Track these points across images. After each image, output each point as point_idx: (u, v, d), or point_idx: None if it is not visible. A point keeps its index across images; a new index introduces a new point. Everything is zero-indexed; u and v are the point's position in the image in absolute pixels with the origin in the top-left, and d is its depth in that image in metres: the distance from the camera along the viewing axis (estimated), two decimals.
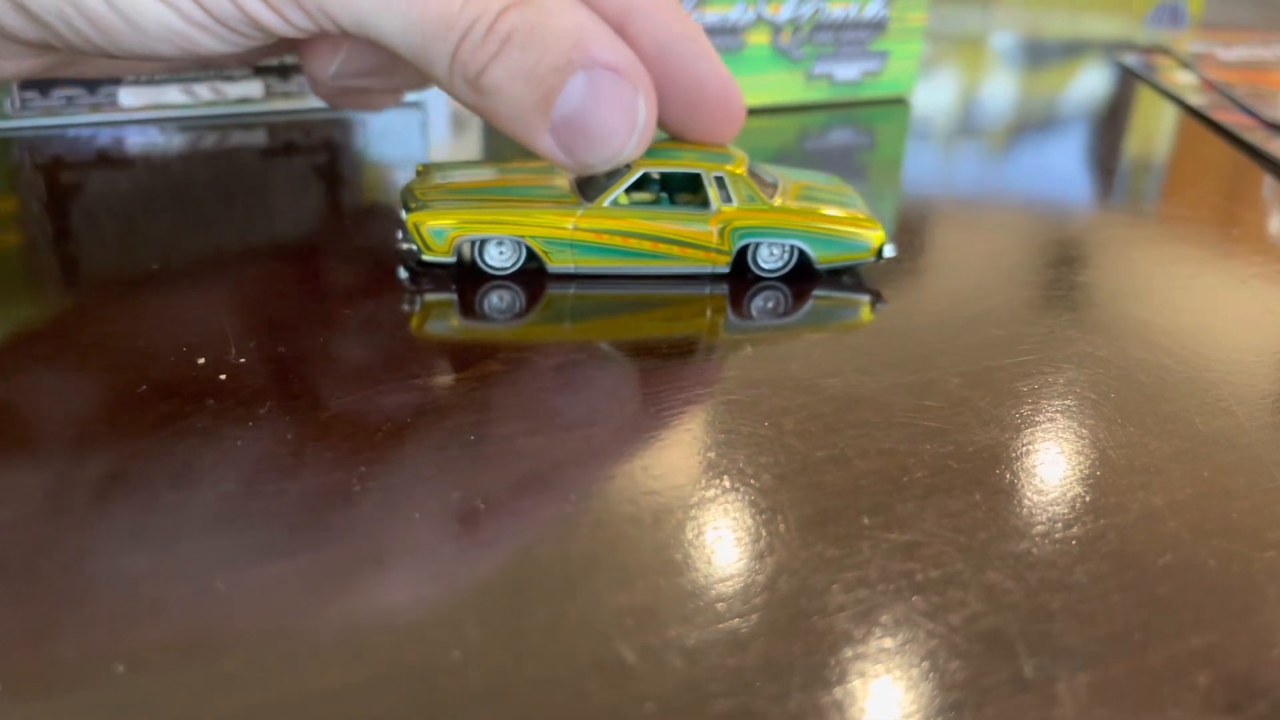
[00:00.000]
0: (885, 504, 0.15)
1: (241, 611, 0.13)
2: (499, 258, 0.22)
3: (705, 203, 0.22)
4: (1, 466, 0.15)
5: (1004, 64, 0.49)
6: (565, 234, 0.22)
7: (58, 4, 0.19)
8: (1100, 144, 0.36)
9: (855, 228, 0.23)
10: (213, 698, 0.12)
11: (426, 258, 0.22)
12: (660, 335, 0.20)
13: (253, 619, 0.13)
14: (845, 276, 0.23)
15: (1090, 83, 0.45)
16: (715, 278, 0.23)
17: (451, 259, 0.22)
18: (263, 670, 0.12)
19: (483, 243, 0.22)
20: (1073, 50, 0.52)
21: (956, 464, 0.16)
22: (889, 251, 0.23)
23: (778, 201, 0.23)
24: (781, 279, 0.23)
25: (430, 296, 0.21)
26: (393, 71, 0.25)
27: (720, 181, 0.22)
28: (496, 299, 0.21)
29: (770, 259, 0.23)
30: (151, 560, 0.14)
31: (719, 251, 0.22)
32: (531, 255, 0.22)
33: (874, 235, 0.23)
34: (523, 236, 0.22)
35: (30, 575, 0.13)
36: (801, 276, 0.23)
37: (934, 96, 0.41)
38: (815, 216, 0.23)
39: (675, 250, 0.22)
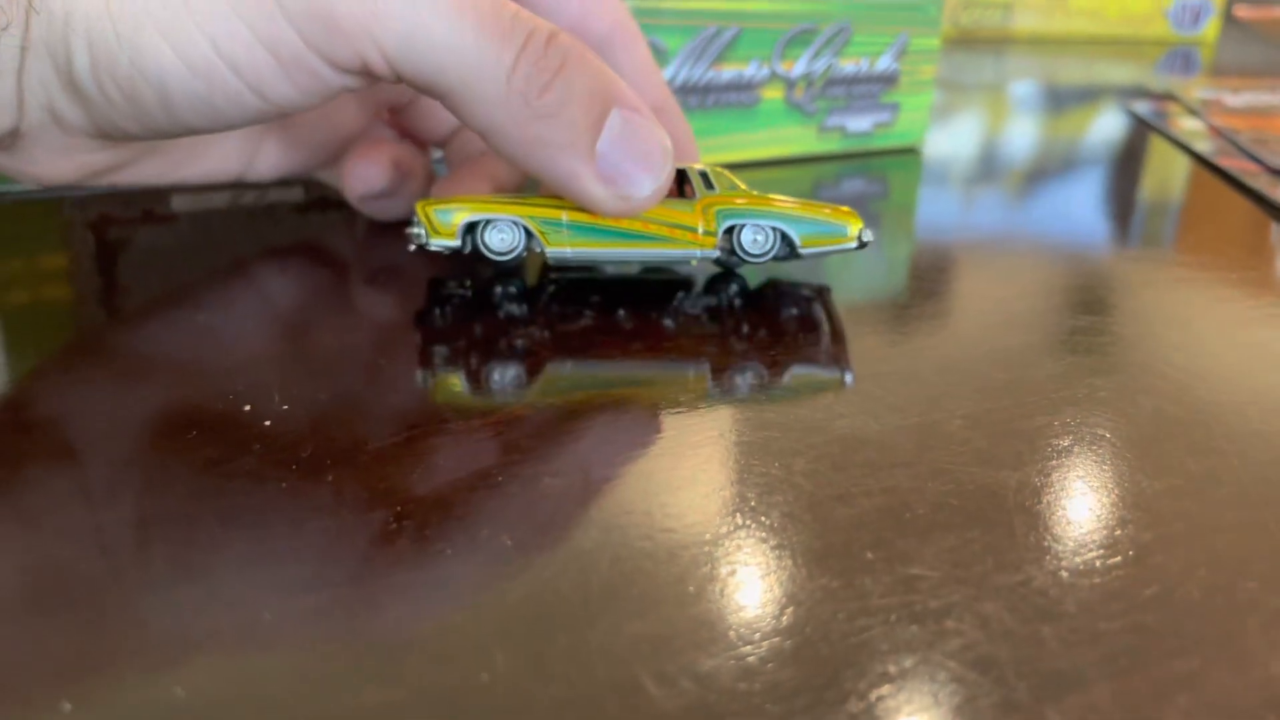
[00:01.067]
0: (887, 539, 0.16)
1: (287, 638, 0.14)
2: (500, 242, 0.24)
3: (690, 194, 0.24)
4: (63, 507, 0.17)
5: (1016, 111, 0.50)
6: (560, 215, 0.24)
7: (96, 75, 0.20)
8: (1107, 191, 0.37)
9: (834, 214, 0.25)
10: (262, 717, 0.13)
11: (434, 241, 0.24)
12: (671, 386, 0.21)
13: (297, 645, 0.14)
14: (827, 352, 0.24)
15: (1101, 130, 0.46)
16: (705, 357, 0.24)
17: (456, 243, 0.24)
18: (306, 689, 0.13)
19: (485, 226, 0.24)
20: (1085, 97, 0.53)
21: (956, 501, 0.17)
22: (867, 236, 0.25)
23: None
24: (772, 344, 0.24)
25: (456, 345, 0.23)
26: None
27: (704, 175, 0.25)
28: (498, 375, 0.22)
29: (755, 245, 0.24)
30: (203, 592, 0.15)
31: (705, 233, 0.24)
32: (530, 239, 0.24)
33: (852, 222, 0.25)
34: (520, 216, 0.24)
35: (93, 606, 0.15)
36: (794, 344, 0.24)
37: (947, 144, 0.42)
38: (795, 202, 0.25)
39: (664, 231, 0.24)
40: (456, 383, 0.21)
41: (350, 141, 0.29)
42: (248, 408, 0.20)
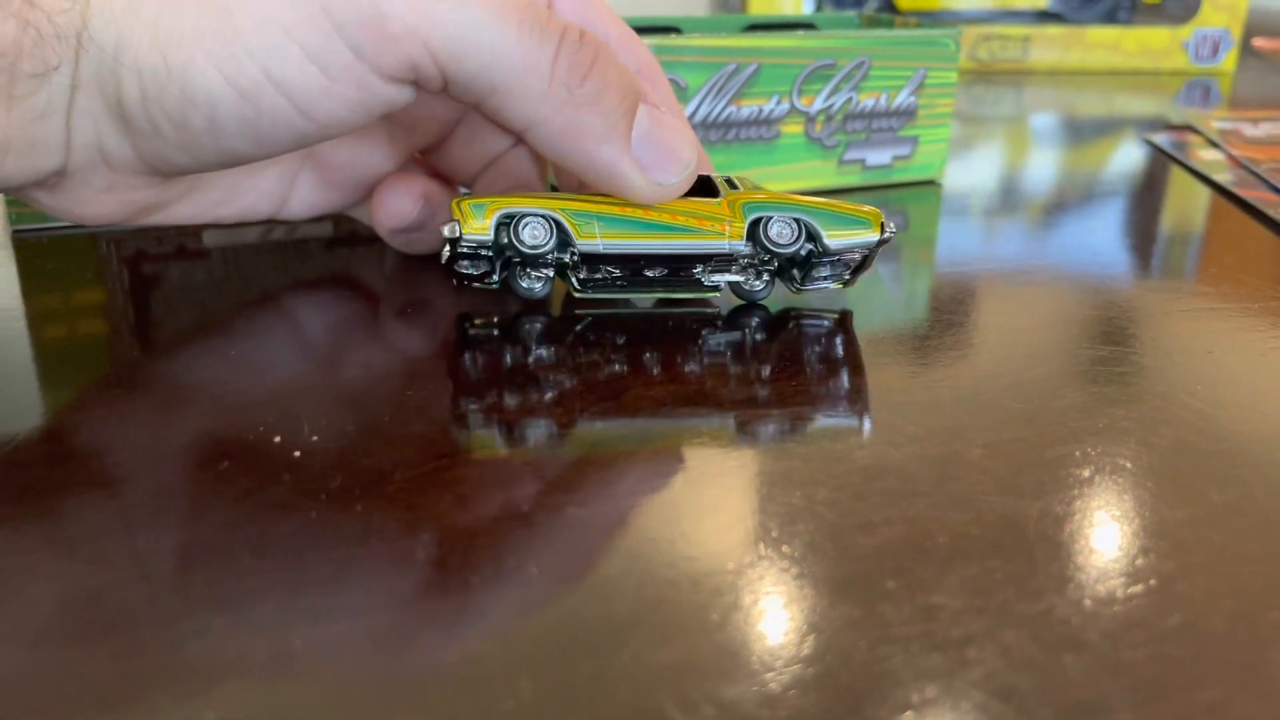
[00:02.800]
0: (908, 568, 0.16)
1: (316, 666, 0.14)
2: (532, 237, 0.24)
3: (716, 195, 0.26)
4: (99, 536, 0.17)
5: (1035, 143, 0.51)
6: (590, 207, 0.24)
7: (146, 106, 0.20)
8: (1127, 222, 0.37)
9: (855, 209, 0.25)
10: None
11: (467, 234, 0.24)
12: (693, 417, 0.22)
13: (326, 672, 0.14)
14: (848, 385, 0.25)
15: (1120, 161, 0.46)
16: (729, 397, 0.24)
17: (488, 237, 0.24)
18: (335, 716, 0.13)
19: (518, 222, 0.24)
20: (1104, 129, 0.53)
21: (977, 530, 0.17)
22: (891, 229, 0.25)
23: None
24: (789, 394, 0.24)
25: (483, 377, 0.23)
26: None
27: (729, 180, 0.26)
28: (524, 406, 0.22)
29: (781, 236, 0.25)
30: (234, 620, 0.15)
31: (732, 224, 0.25)
32: (562, 233, 0.24)
33: (873, 217, 0.25)
34: (551, 209, 0.24)
35: (128, 633, 0.15)
36: (811, 383, 0.24)
37: (966, 176, 0.42)
38: (817, 199, 0.26)
39: (693, 223, 0.25)
40: (483, 414, 0.21)
41: (381, 181, 0.29)
42: (278, 439, 0.20)
